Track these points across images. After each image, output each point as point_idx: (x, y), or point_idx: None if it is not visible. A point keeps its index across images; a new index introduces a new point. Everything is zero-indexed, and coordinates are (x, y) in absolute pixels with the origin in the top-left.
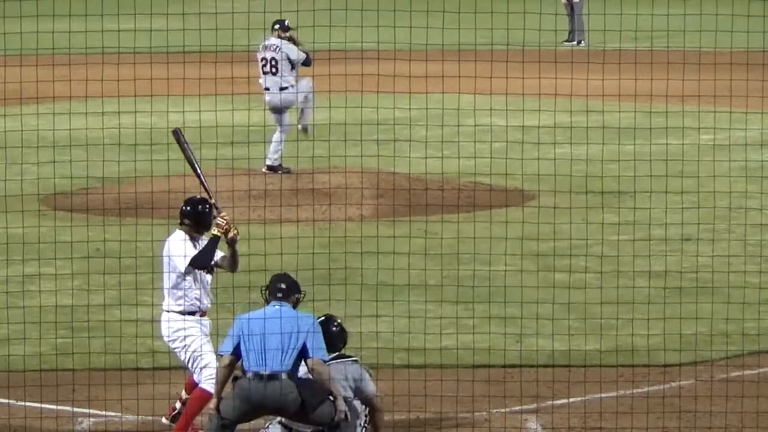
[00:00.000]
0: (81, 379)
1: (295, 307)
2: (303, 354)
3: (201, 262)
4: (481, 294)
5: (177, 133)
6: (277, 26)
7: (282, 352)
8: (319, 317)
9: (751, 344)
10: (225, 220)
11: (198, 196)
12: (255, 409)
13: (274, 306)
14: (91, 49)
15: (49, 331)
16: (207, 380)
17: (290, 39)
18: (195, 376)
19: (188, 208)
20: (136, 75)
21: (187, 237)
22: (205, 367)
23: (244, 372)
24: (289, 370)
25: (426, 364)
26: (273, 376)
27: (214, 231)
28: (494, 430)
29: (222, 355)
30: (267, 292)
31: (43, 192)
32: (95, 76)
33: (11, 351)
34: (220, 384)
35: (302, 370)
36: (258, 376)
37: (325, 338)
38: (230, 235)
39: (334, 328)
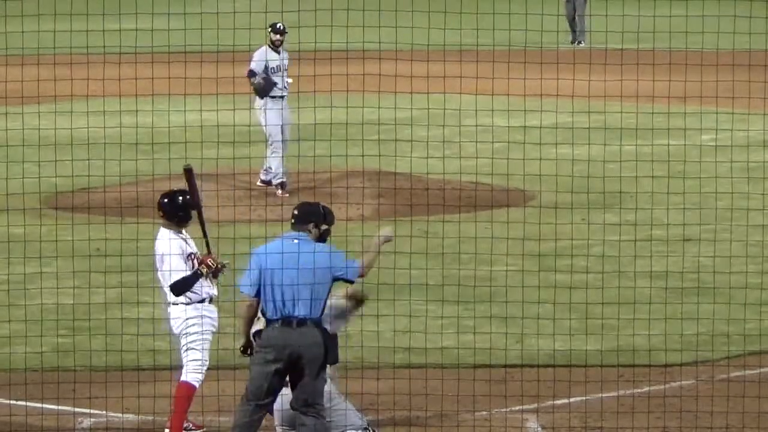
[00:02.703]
0: (82, 378)
1: (323, 238)
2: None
3: (180, 290)
4: (482, 294)
5: (190, 172)
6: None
7: (308, 296)
8: None
9: (752, 344)
10: (214, 262)
11: (174, 189)
12: (275, 359)
13: (293, 240)
14: (92, 48)
15: (50, 331)
16: (191, 373)
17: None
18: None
19: (166, 200)
20: (138, 74)
21: (173, 233)
22: (192, 360)
23: (267, 321)
24: (317, 319)
25: (427, 363)
26: (302, 322)
27: (202, 270)
28: (495, 429)
29: (243, 293)
30: None
31: (45, 191)
32: (96, 75)
33: (12, 350)
34: (245, 322)
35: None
36: (287, 322)
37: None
38: (218, 276)
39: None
